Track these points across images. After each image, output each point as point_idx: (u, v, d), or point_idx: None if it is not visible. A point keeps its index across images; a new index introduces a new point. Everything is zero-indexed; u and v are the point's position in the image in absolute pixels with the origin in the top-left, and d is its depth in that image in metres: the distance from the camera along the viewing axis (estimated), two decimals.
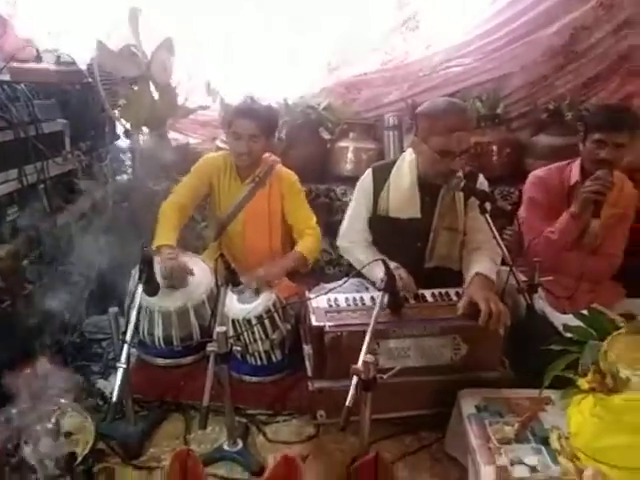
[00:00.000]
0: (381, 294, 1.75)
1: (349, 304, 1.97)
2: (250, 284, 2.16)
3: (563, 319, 1.96)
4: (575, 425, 1.54)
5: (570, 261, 2.18)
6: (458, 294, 2.01)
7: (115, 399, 1.53)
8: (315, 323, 1.87)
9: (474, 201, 1.98)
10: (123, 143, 3.12)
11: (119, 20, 2.88)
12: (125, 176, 3.11)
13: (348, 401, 1.39)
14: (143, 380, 2.15)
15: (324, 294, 1.98)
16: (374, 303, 1.78)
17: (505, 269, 1.86)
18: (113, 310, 1.86)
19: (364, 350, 1.50)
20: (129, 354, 1.64)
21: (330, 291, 1.97)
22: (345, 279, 1.99)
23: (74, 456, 1.52)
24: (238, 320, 2.09)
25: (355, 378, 1.45)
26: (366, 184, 2.22)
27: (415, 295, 2.01)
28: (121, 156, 3.10)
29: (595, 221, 2.06)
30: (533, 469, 1.48)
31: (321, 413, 1.88)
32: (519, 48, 3.14)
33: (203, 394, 1.56)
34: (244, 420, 2.03)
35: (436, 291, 2.04)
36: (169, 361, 2.26)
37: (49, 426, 1.59)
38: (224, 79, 3.27)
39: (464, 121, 1.98)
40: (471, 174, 2.12)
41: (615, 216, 2.17)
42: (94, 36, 2.74)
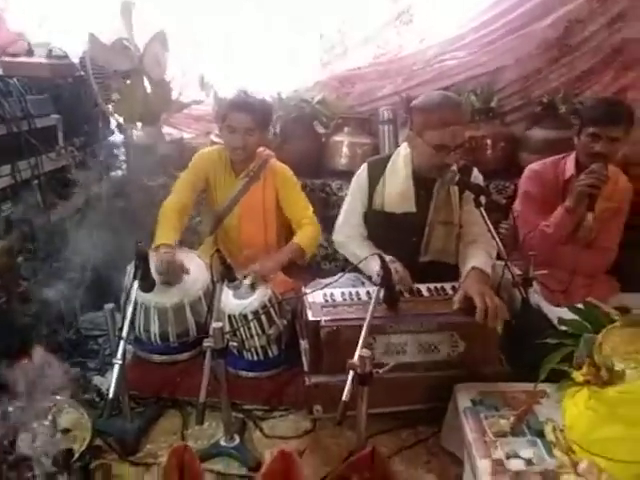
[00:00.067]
0: (377, 289, 1.75)
1: (345, 299, 1.97)
2: (246, 279, 2.15)
3: (558, 312, 1.97)
4: (570, 418, 1.55)
5: (565, 255, 2.19)
6: (454, 288, 2.01)
7: (111, 395, 1.53)
8: (311, 318, 1.87)
9: (469, 195, 1.98)
10: (117, 138, 3.10)
11: (112, 13, 2.86)
12: (119, 171, 3.10)
13: (345, 396, 1.39)
14: (139, 376, 2.15)
15: (320, 289, 1.98)
16: (370, 298, 1.78)
17: (500, 263, 1.87)
18: (109, 306, 1.85)
19: (360, 344, 1.50)
20: (125, 350, 1.65)
21: (326, 286, 1.98)
22: (341, 274, 1.99)
23: (71, 453, 1.52)
24: (234, 315, 2.08)
25: (351, 372, 1.45)
26: (361, 179, 2.22)
27: (410, 289, 2.02)
28: (115, 151, 3.08)
29: (590, 215, 2.06)
30: (529, 462, 1.48)
31: (318, 408, 1.88)
32: (513, 41, 3.13)
33: (200, 390, 1.56)
34: (241, 415, 2.03)
35: (432, 285, 2.04)
36: (165, 357, 2.25)
37: (46, 423, 1.59)
38: (219, 74, 3.24)
39: (458, 115, 1.98)
40: (465, 168, 2.11)
41: (609, 210, 2.18)
42: (86, 29, 2.72)
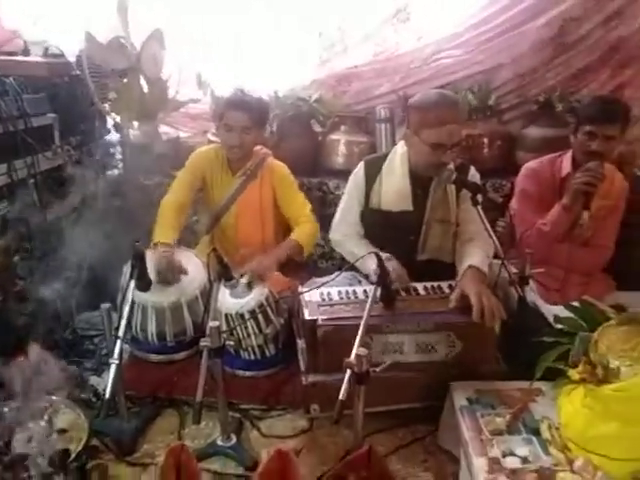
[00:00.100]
0: (374, 287, 1.76)
1: (342, 297, 1.97)
2: (243, 277, 2.14)
3: (554, 311, 1.97)
4: (566, 416, 1.55)
5: (561, 253, 2.19)
6: (451, 287, 2.01)
7: (108, 395, 1.53)
8: (308, 317, 1.86)
9: (466, 193, 1.98)
10: (114, 137, 3.10)
11: (108, 11, 2.85)
12: (116, 170, 3.09)
13: (341, 394, 1.39)
14: (136, 376, 2.14)
15: (317, 288, 1.98)
16: (367, 296, 1.78)
17: (497, 262, 1.87)
18: (105, 306, 1.85)
19: (357, 343, 1.50)
20: (122, 350, 1.64)
21: (323, 285, 1.97)
22: (338, 272, 1.99)
23: (67, 453, 1.52)
24: (231, 315, 2.08)
25: (348, 371, 1.45)
26: (358, 177, 2.22)
27: (407, 288, 2.02)
28: (111, 150, 3.07)
29: (586, 213, 2.06)
30: (525, 460, 1.48)
31: (315, 407, 1.88)
32: (510, 39, 3.14)
33: (196, 389, 1.55)
34: (238, 415, 2.03)
35: (428, 284, 2.04)
36: (162, 357, 2.25)
37: (42, 423, 1.59)
38: (218, 73, 3.24)
39: (455, 113, 1.98)
40: (462, 166, 2.11)
41: (605, 208, 2.18)
42: (82, 27, 2.72)
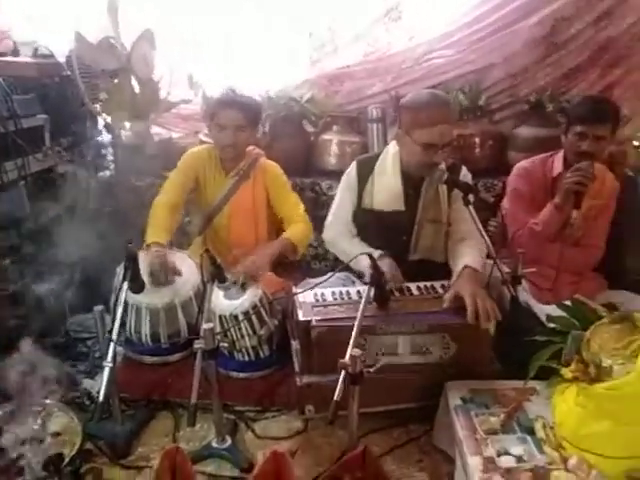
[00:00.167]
0: (367, 288, 1.76)
1: (335, 298, 1.97)
2: (236, 278, 2.13)
3: (546, 310, 1.98)
4: (559, 414, 1.57)
5: (552, 252, 2.20)
6: (444, 287, 2.01)
7: (102, 398, 1.52)
8: (302, 318, 1.86)
9: (458, 193, 1.99)
10: (105, 138, 3.08)
11: (98, 11, 2.83)
12: (107, 172, 3.07)
13: (336, 395, 1.39)
14: (130, 379, 2.13)
15: (310, 289, 1.97)
16: (361, 297, 1.78)
17: (489, 262, 1.88)
18: (98, 308, 1.84)
19: (351, 344, 1.50)
20: (115, 352, 1.63)
21: (316, 285, 1.97)
22: (331, 273, 1.99)
23: (61, 457, 1.51)
24: (225, 316, 2.07)
25: (343, 372, 1.45)
26: (351, 177, 2.23)
27: (401, 288, 2.02)
28: (103, 151, 3.05)
29: (576, 212, 2.07)
30: (519, 459, 1.49)
31: (309, 408, 1.88)
32: (501, 39, 3.15)
33: (191, 391, 1.55)
34: (232, 417, 2.03)
35: (422, 284, 2.05)
36: (156, 359, 2.23)
37: (35, 427, 1.58)
38: (208, 73, 3.23)
39: (447, 113, 1.99)
40: (454, 166, 2.12)
41: (596, 208, 2.19)
42: (72, 27, 2.70)
